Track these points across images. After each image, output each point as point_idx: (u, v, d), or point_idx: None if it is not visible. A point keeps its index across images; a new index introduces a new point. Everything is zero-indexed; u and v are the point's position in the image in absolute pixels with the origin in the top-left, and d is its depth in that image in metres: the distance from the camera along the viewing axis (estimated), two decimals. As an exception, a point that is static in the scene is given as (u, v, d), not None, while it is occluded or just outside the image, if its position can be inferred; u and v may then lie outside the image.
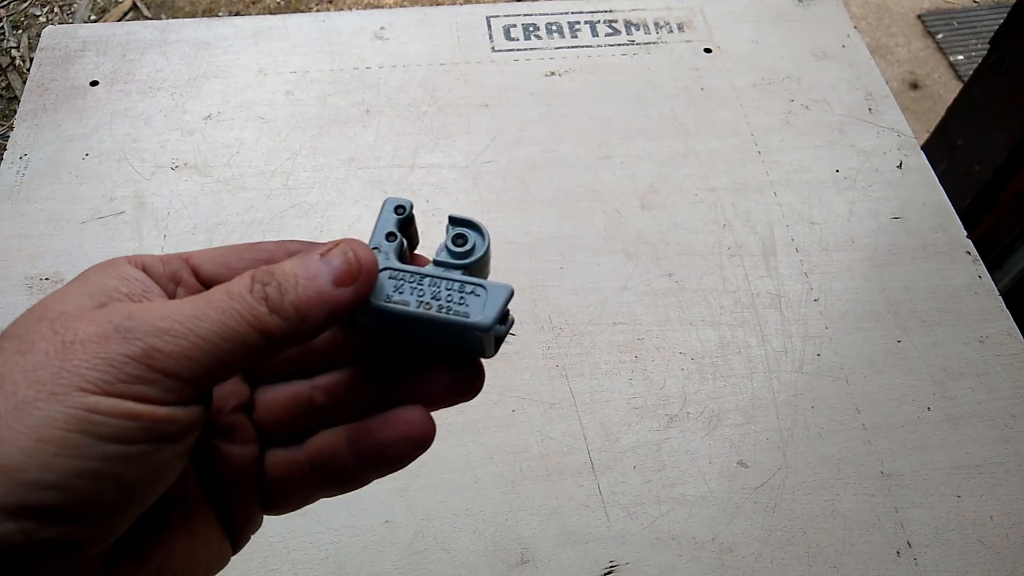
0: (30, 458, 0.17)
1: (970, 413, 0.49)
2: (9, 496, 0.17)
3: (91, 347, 0.19)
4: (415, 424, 0.25)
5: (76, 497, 0.18)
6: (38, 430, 0.18)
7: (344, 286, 0.22)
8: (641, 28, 0.69)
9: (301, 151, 0.60)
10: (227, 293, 0.21)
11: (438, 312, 0.24)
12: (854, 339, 0.52)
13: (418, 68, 0.65)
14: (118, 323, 0.19)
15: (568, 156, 0.60)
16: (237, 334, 0.20)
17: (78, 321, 0.20)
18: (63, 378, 0.18)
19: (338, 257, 0.22)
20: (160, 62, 0.64)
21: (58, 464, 0.18)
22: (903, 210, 0.58)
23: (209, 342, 0.20)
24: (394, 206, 0.26)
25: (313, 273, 0.22)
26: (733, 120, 0.63)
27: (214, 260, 0.25)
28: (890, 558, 0.44)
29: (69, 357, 0.19)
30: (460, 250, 0.26)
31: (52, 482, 0.18)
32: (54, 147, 0.59)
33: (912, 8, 1.81)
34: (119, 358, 0.19)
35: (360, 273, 0.23)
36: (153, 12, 1.77)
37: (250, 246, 0.25)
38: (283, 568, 0.42)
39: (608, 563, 0.43)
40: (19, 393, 0.18)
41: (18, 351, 0.19)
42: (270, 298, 0.21)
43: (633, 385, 0.49)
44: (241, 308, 0.21)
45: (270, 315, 0.21)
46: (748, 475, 0.46)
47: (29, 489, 0.17)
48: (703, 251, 0.55)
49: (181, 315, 0.20)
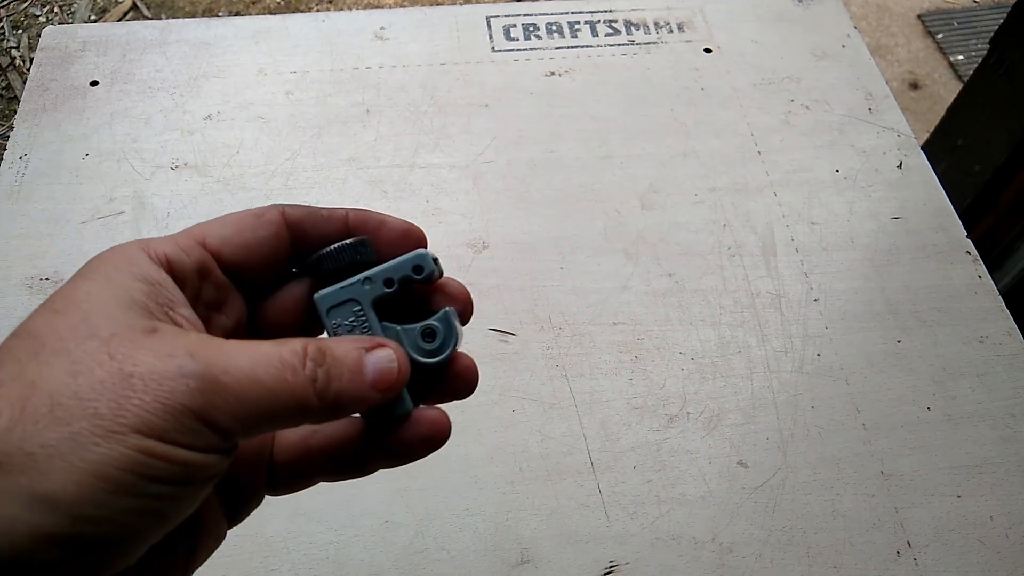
0: (85, 494, 0.18)
1: (970, 413, 0.49)
2: (61, 528, 0.18)
3: (153, 388, 0.19)
4: (438, 424, 0.26)
5: (120, 531, 0.19)
6: (96, 468, 0.18)
7: (379, 391, 0.23)
8: (641, 28, 0.69)
9: (301, 151, 0.60)
10: (280, 362, 0.21)
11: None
12: (854, 339, 0.52)
13: (418, 68, 0.65)
14: (181, 364, 0.20)
15: (568, 156, 0.60)
16: (282, 404, 0.21)
17: (136, 350, 0.20)
18: (122, 417, 0.18)
19: (384, 363, 0.23)
20: (160, 62, 0.64)
21: (110, 501, 0.18)
22: (903, 210, 0.58)
23: (257, 408, 0.20)
24: (414, 264, 0.25)
25: (359, 370, 0.23)
26: (733, 120, 0.63)
27: (232, 244, 0.25)
28: (890, 558, 0.44)
29: (129, 395, 0.19)
30: (427, 347, 0.25)
31: (103, 518, 0.18)
32: (54, 147, 0.59)
33: (912, 8, 1.81)
34: (179, 407, 0.19)
35: (396, 383, 0.23)
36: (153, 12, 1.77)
37: (257, 218, 0.25)
38: (283, 568, 0.42)
39: (608, 563, 0.43)
40: (73, 423, 0.18)
41: (68, 372, 0.19)
42: (318, 381, 0.22)
43: (633, 385, 0.49)
44: (292, 383, 0.21)
45: (314, 397, 0.22)
46: (748, 475, 0.46)
47: (81, 523, 0.18)
48: (703, 251, 0.55)
49: (239, 372, 0.20)
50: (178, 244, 0.24)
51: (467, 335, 0.26)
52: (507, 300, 0.52)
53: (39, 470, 0.18)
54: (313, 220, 0.26)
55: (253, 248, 0.25)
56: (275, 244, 0.25)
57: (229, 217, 0.25)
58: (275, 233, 0.25)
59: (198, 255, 0.24)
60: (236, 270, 0.25)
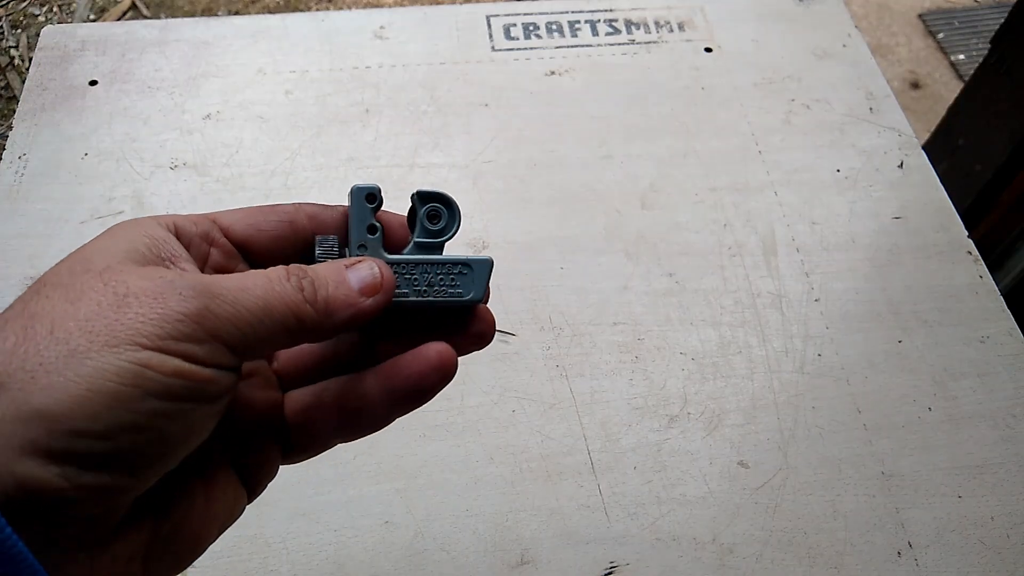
0: (80, 407, 0.18)
1: (971, 413, 0.49)
2: (55, 442, 0.18)
3: (147, 301, 0.19)
4: (444, 354, 0.26)
5: (119, 447, 0.19)
6: (90, 380, 0.18)
7: (367, 296, 0.24)
8: (641, 27, 0.69)
9: (300, 151, 0.59)
10: (266, 277, 0.22)
11: (436, 297, 0.26)
12: (855, 339, 0.52)
13: (418, 67, 0.65)
14: (172, 280, 0.20)
15: (568, 156, 0.60)
16: (277, 313, 0.22)
17: (128, 275, 0.20)
18: (118, 331, 0.19)
19: (365, 270, 0.25)
20: (159, 62, 0.64)
21: (106, 415, 0.18)
22: (904, 210, 0.58)
23: (253, 314, 0.21)
24: (365, 195, 0.27)
25: (343, 279, 0.24)
26: (734, 120, 0.63)
27: (242, 221, 0.26)
28: (891, 559, 0.44)
29: (124, 310, 0.19)
30: (435, 228, 0.27)
31: (98, 432, 0.18)
32: (53, 147, 0.58)
33: (913, 7, 1.81)
34: (174, 314, 0.19)
35: (382, 287, 0.25)
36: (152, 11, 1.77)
37: (272, 207, 0.26)
38: (283, 568, 0.42)
39: (608, 564, 0.43)
40: (71, 341, 0.18)
41: (67, 299, 0.20)
42: (305, 290, 0.23)
43: (633, 385, 0.49)
44: (281, 291, 0.22)
45: (304, 304, 0.22)
46: (749, 475, 0.46)
47: (76, 437, 0.18)
48: (704, 251, 0.55)
49: (229, 284, 0.21)
50: (188, 217, 0.25)
51: None
52: (507, 300, 0.52)
53: (37, 385, 0.18)
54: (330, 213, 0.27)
55: (263, 230, 0.26)
56: (286, 231, 0.26)
57: (244, 208, 0.26)
58: (287, 220, 0.26)
59: (206, 225, 0.25)
60: (246, 248, 0.26)
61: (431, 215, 0.27)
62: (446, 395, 0.48)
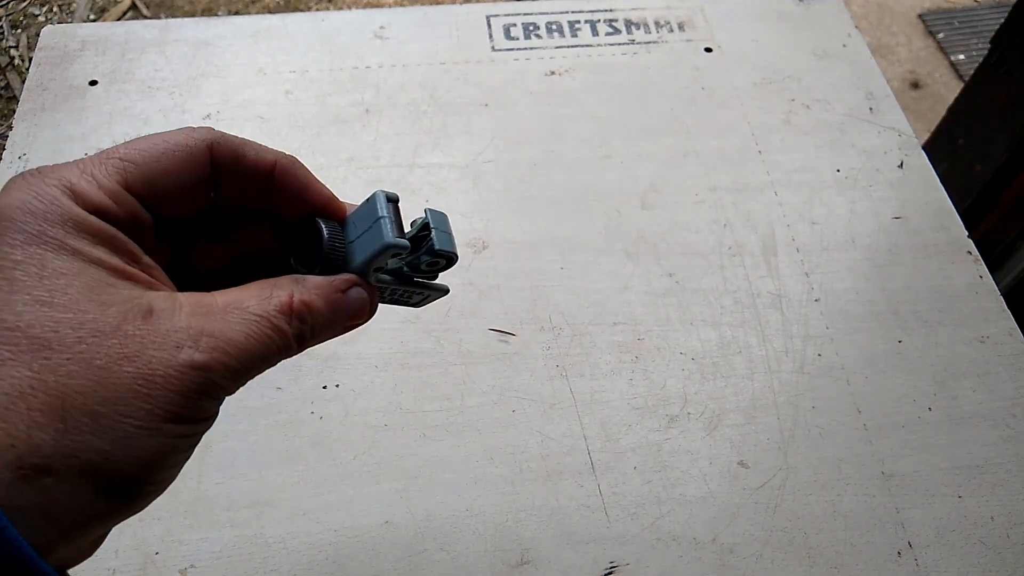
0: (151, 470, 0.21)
1: (971, 413, 0.49)
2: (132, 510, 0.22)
3: (173, 384, 0.21)
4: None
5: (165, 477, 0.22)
6: (149, 458, 0.21)
7: (352, 325, 0.26)
8: (641, 27, 0.69)
9: (300, 151, 0.59)
10: (271, 326, 0.23)
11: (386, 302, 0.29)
12: (855, 339, 0.52)
13: (418, 67, 0.65)
14: (189, 355, 0.21)
15: (568, 156, 0.60)
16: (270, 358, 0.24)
17: (143, 343, 0.21)
18: (156, 415, 0.21)
19: (356, 302, 0.26)
20: (159, 61, 0.64)
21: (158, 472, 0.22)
22: (904, 210, 0.58)
23: (251, 371, 0.23)
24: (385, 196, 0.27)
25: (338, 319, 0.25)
26: (734, 120, 0.63)
27: (155, 185, 0.23)
28: (891, 559, 0.44)
29: (155, 393, 0.21)
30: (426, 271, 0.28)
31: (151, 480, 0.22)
32: (53, 147, 0.58)
33: (913, 7, 1.81)
34: (195, 394, 0.22)
35: (365, 319, 0.27)
36: (152, 11, 1.77)
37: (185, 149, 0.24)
38: (282, 569, 0.42)
39: (608, 564, 0.43)
40: (116, 429, 0.20)
41: (93, 379, 0.20)
42: (303, 336, 0.24)
43: (633, 385, 0.49)
44: (280, 344, 0.24)
45: (295, 346, 0.24)
46: (749, 476, 0.46)
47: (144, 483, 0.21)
48: (704, 251, 0.55)
49: (237, 351, 0.22)
50: (101, 185, 0.22)
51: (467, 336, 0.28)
52: (507, 300, 0.52)
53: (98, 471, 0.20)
54: (239, 153, 0.25)
55: (177, 190, 0.24)
56: (198, 178, 0.24)
57: (152, 143, 0.24)
58: (199, 168, 0.24)
59: (128, 204, 0.23)
60: (157, 207, 0.24)
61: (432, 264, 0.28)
62: (446, 395, 0.48)
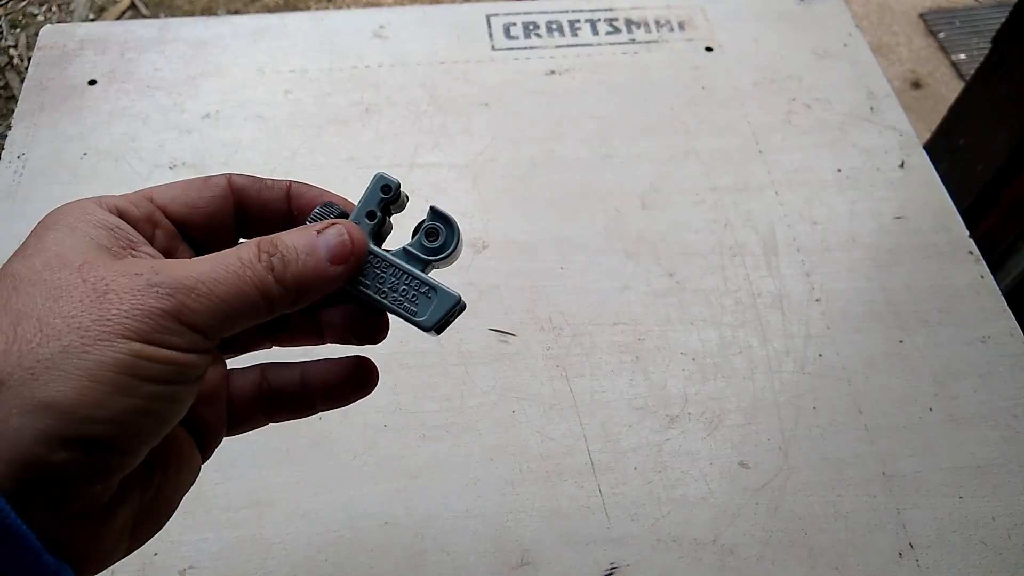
0: (85, 396, 0.20)
1: (972, 414, 0.49)
2: (66, 430, 0.19)
3: (127, 299, 0.21)
4: (364, 361, 0.29)
5: (122, 430, 0.20)
6: (91, 372, 0.20)
7: (337, 264, 0.25)
8: (642, 27, 0.69)
9: (300, 150, 0.59)
10: (238, 259, 0.23)
11: (391, 303, 0.27)
12: (856, 339, 0.51)
13: (418, 67, 0.65)
14: (148, 278, 0.21)
15: (568, 155, 0.60)
16: (247, 297, 0.23)
17: (105, 271, 0.22)
18: (106, 326, 0.20)
19: (334, 237, 0.25)
20: (158, 61, 0.64)
21: (109, 402, 0.20)
22: (905, 210, 0.58)
23: (226, 302, 0.22)
24: (382, 184, 0.27)
25: (312, 248, 0.25)
26: (734, 119, 0.63)
27: (178, 200, 0.27)
28: (892, 559, 0.43)
29: (107, 307, 0.21)
30: (431, 245, 0.28)
31: (103, 417, 0.20)
32: (52, 146, 0.58)
33: (914, 7, 1.81)
34: (155, 311, 0.21)
35: (352, 253, 0.25)
36: (151, 11, 1.77)
37: (205, 181, 0.27)
38: (282, 569, 0.42)
39: (609, 564, 0.43)
40: (63, 338, 0.20)
41: (49, 296, 0.21)
42: (275, 269, 0.24)
43: (634, 386, 0.49)
44: (252, 275, 0.23)
45: (275, 284, 0.23)
46: (749, 476, 0.46)
47: (84, 423, 0.20)
48: (704, 251, 0.55)
49: (202, 276, 0.22)
50: (127, 199, 0.26)
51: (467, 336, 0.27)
52: (507, 300, 0.52)
53: (39, 382, 0.19)
54: (256, 187, 0.28)
55: (199, 207, 0.27)
56: (220, 205, 0.27)
57: (178, 182, 0.27)
58: (220, 195, 0.27)
59: (147, 207, 0.26)
60: (184, 226, 0.27)
61: (430, 231, 0.28)
62: (446, 395, 0.48)
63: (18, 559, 0.19)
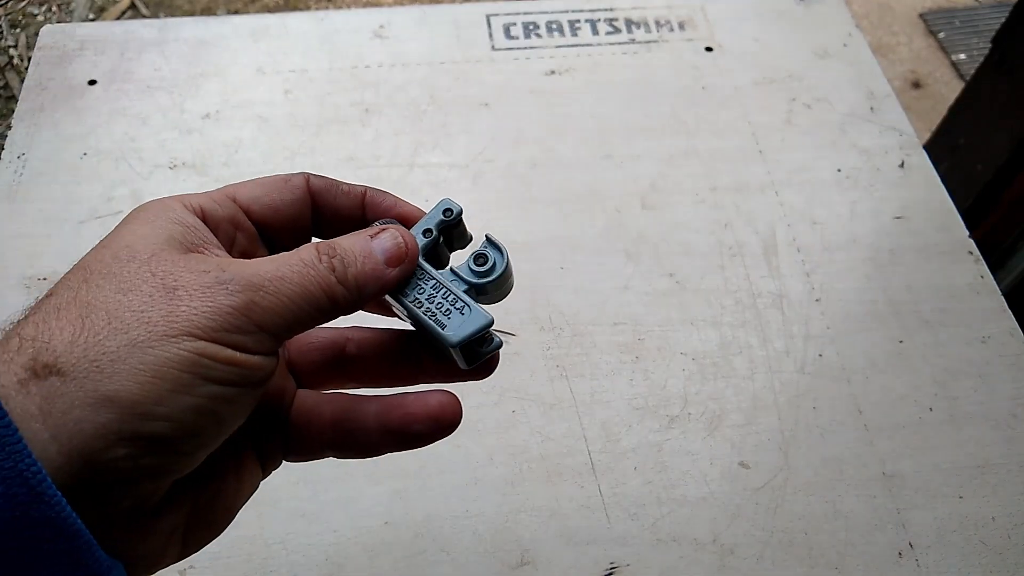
0: (147, 393, 0.19)
1: (972, 413, 0.49)
2: (125, 424, 0.19)
3: (196, 294, 0.21)
4: (446, 404, 0.28)
5: (181, 429, 0.20)
6: (155, 368, 0.20)
7: (393, 266, 0.25)
8: (642, 26, 0.69)
9: (300, 150, 0.59)
10: (301, 260, 0.23)
11: (423, 313, 0.26)
12: (856, 339, 0.51)
13: (417, 67, 0.65)
14: (216, 275, 0.21)
15: (568, 155, 0.60)
16: (313, 297, 0.23)
17: (175, 267, 0.22)
18: (173, 322, 0.20)
19: (389, 240, 0.26)
20: (158, 61, 0.64)
21: (171, 399, 0.20)
22: (905, 210, 0.58)
23: (293, 301, 0.22)
24: (444, 208, 0.29)
25: (369, 251, 0.25)
26: (734, 119, 0.63)
27: (260, 201, 0.27)
28: (892, 559, 0.43)
29: (176, 302, 0.21)
30: (478, 269, 0.29)
31: (164, 414, 0.20)
32: (52, 146, 0.58)
33: (914, 7, 1.81)
34: (224, 308, 0.21)
35: (406, 256, 0.26)
36: (151, 11, 1.77)
37: (285, 181, 0.27)
38: (282, 570, 0.42)
39: (609, 564, 0.43)
40: (131, 332, 0.20)
41: (119, 289, 0.21)
42: (337, 270, 0.24)
43: (634, 386, 0.49)
44: (316, 275, 0.23)
45: (337, 285, 0.24)
46: (749, 476, 0.46)
47: (144, 420, 0.19)
48: (704, 251, 0.55)
49: (268, 274, 0.22)
50: (212, 198, 0.26)
51: None
52: (507, 300, 0.52)
53: (103, 374, 0.19)
54: (333, 193, 0.28)
55: (280, 210, 0.27)
56: (300, 208, 0.27)
57: (259, 179, 0.27)
58: (300, 198, 0.27)
59: (230, 208, 0.26)
60: (263, 228, 0.27)
61: (479, 256, 0.28)
62: (446, 395, 0.48)
63: (72, 554, 0.19)
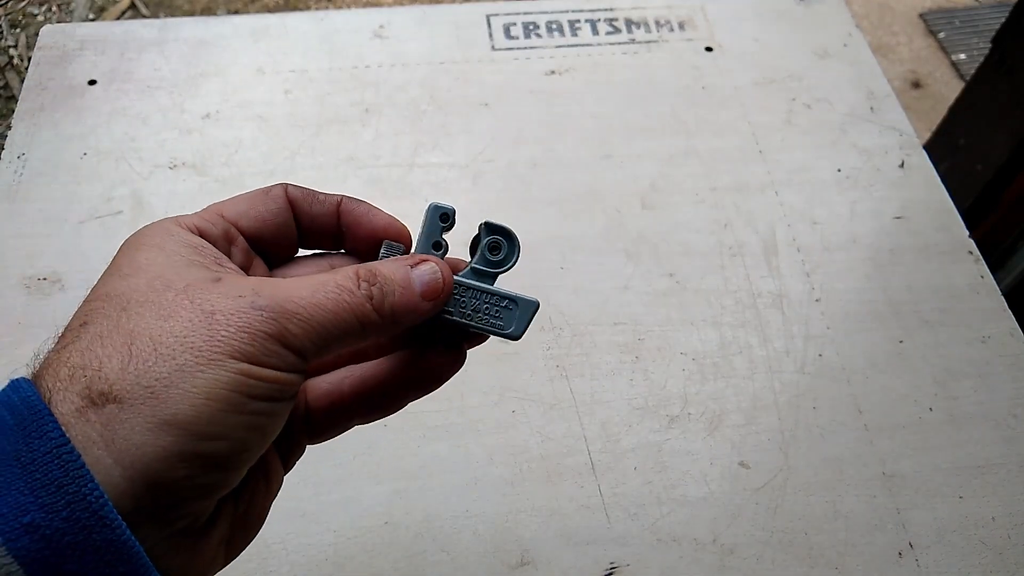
0: (201, 414, 0.20)
1: (972, 413, 0.49)
2: (185, 446, 0.20)
3: (234, 320, 0.22)
4: None
5: (234, 446, 0.22)
6: (206, 390, 0.21)
7: (428, 300, 0.26)
8: (642, 26, 0.69)
9: (300, 150, 0.59)
10: (337, 285, 0.24)
11: (478, 323, 0.28)
12: (856, 339, 0.51)
13: (417, 67, 0.65)
14: (251, 300, 0.22)
15: (568, 155, 0.60)
16: (345, 323, 0.24)
17: (209, 294, 0.22)
18: (216, 347, 0.21)
19: (428, 274, 0.26)
20: (158, 61, 0.64)
21: (223, 419, 0.21)
22: (905, 210, 0.58)
23: (324, 327, 0.23)
24: (440, 214, 0.29)
25: (408, 282, 0.26)
26: (734, 119, 0.63)
27: (247, 215, 0.27)
28: (892, 559, 0.43)
29: (216, 328, 0.22)
30: (495, 258, 0.29)
31: (219, 433, 0.21)
32: (52, 146, 0.58)
33: (914, 7, 1.81)
34: (260, 335, 0.22)
35: (442, 292, 0.27)
36: (151, 10, 1.77)
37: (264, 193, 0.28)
38: (282, 570, 0.42)
39: (609, 564, 0.43)
40: (177, 358, 0.21)
41: (159, 316, 0.22)
42: (374, 298, 0.24)
43: (634, 386, 0.49)
44: (351, 301, 0.24)
45: (372, 312, 0.24)
46: (749, 476, 0.46)
47: (201, 440, 0.21)
48: (704, 251, 0.55)
49: (303, 300, 0.23)
50: (203, 217, 0.26)
51: None
52: (507, 300, 0.52)
53: (158, 399, 0.20)
54: (309, 201, 0.28)
55: (267, 220, 0.28)
56: (284, 217, 0.28)
57: (241, 195, 0.28)
58: (283, 207, 0.28)
59: (222, 224, 0.27)
60: (254, 240, 0.28)
61: (492, 246, 0.29)
62: (446, 395, 0.48)
63: None
